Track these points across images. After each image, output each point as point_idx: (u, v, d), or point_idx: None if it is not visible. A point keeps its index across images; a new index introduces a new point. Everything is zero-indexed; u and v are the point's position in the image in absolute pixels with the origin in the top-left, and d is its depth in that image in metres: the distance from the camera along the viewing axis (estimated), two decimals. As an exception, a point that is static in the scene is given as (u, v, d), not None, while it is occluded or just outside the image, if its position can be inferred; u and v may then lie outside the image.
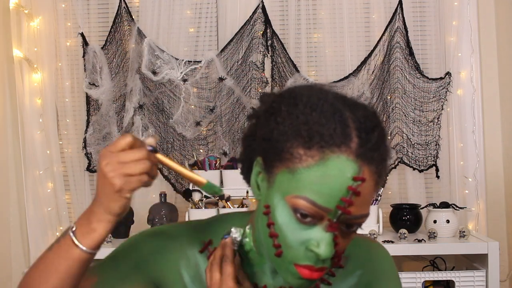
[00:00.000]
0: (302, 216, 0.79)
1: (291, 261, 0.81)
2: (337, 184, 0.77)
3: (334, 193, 0.77)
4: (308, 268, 0.80)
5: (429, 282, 2.47)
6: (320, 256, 0.79)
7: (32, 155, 2.84)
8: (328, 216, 0.78)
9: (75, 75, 2.88)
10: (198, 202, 2.50)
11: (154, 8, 2.82)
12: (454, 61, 2.77)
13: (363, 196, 0.78)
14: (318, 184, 0.77)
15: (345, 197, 0.77)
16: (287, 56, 2.76)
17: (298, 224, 0.79)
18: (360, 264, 0.98)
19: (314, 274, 0.81)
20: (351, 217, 0.79)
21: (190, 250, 0.95)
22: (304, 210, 0.78)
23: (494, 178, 2.81)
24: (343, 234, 0.81)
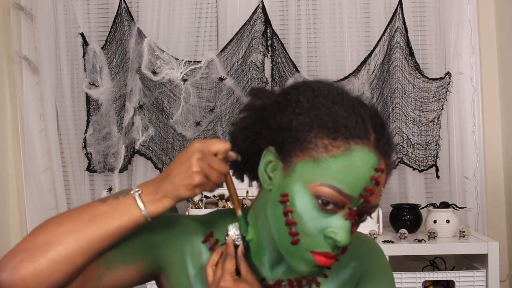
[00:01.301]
0: (324, 204, 0.82)
1: (308, 249, 0.84)
2: (361, 173, 0.81)
3: (359, 182, 0.81)
4: (324, 255, 0.83)
5: (429, 282, 2.47)
6: (339, 243, 0.82)
7: (32, 155, 2.84)
8: (350, 205, 0.83)
9: (75, 75, 2.88)
10: (198, 202, 2.50)
11: (154, 8, 2.82)
12: (454, 61, 2.77)
13: (380, 187, 0.84)
14: (344, 173, 0.81)
15: (369, 186, 0.82)
16: (287, 56, 2.76)
17: (319, 212, 0.82)
18: (354, 256, 0.99)
19: (329, 261, 0.84)
20: (368, 206, 0.84)
21: (195, 237, 0.96)
22: (328, 198, 0.81)
23: (494, 178, 2.81)
24: (355, 223, 0.86)
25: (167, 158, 2.80)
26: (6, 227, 2.88)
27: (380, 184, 0.83)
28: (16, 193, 2.91)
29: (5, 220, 2.88)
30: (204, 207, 2.49)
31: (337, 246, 0.83)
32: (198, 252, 0.95)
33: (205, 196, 2.51)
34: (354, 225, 0.85)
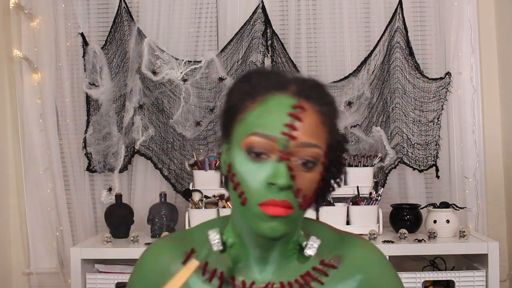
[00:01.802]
0: (257, 155, 0.86)
1: (256, 203, 0.85)
2: (278, 114, 0.86)
3: (277, 122, 0.86)
4: (271, 204, 0.84)
5: (429, 282, 2.47)
6: (278, 185, 0.83)
7: (32, 155, 2.84)
8: (278, 147, 0.85)
9: (75, 75, 2.88)
10: (198, 202, 2.50)
11: (154, 8, 2.82)
12: (454, 61, 2.77)
13: (307, 124, 0.86)
14: (261, 118, 0.87)
15: (287, 122, 0.85)
16: (287, 56, 2.76)
17: (254, 164, 0.86)
18: (360, 268, 0.96)
19: (279, 210, 0.85)
20: (300, 145, 0.85)
21: (173, 265, 0.97)
22: (255, 147, 0.86)
23: (494, 178, 2.81)
24: (301, 173, 0.87)
25: (167, 158, 2.80)
26: (6, 227, 2.88)
27: (304, 120, 0.86)
28: (16, 193, 2.91)
29: (5, 220, 2.88)
30: (204, 207, 2.49)
31: (281, 190, 0.84)
32: None
33: (205, 196, 2.51)
34: (294, 169, 0.85)
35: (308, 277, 0.94)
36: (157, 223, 2.55)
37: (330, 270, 0.95)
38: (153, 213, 2.57)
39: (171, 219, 2.58)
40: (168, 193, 2.70)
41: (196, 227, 1.03)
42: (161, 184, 2.83)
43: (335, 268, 0.95)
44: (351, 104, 2.74)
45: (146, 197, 2.82)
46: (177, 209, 2.65)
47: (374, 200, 2.52)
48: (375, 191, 2.53)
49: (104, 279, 2.37)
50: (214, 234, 0.95)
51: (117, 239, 2.56)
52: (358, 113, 2.74)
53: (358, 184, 2.55)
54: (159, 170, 2.80)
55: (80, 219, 2.85)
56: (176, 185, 2.80)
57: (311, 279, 0.94)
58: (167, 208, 2.60)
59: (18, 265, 2.90)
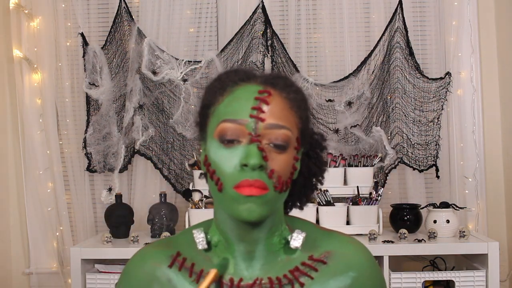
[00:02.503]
0: (228, 142, 0.89)
1: (231, 186, 0.88)
2: (245, 99, 0.90)
3: (244, 106, 0.89)
4: (245, 184, 0.86)
5: (429, 282, 2.47)
6: (250, 164, 0.86)
7: (32, 155, 2.84)
8: (248, 130, 0.88)
9: (75, 75, 2.88)
10: (198, 202, 2.50)
11: (154, 8, 2.82)
12: (454, 61, 2.77)
13: (274, 107, 0.90)
14: (229, 106, 0.90)
15: (255, 106, 0.89)
16: (287, 56, 2.76)
17: (226, 150, 0.89)
18: (353, 266, 0.97)
19: (253, 190, 0.86)
20: (268, 126, 0.88)
21: (158, 270, 0.98)
22: (226, 133, 0.89)
23: (494, 178, 2.81)
24: (273, 154, 0.89)
25: (167, 158, 2.80)
26: (6, 227, 2.88)
27: (271, 104, 0.89)
28: (16, 193, 2.91)
29: (5, 220, 2.88)
30: (204, 207, 2.49)
31: (254, 170, 0.86)
32: (167, 280, 0.96)
33: (205, 196, 2.51)
34: (265, 150, 0.88)
35: (297, 272, 0.94)
36: (157, 223, 2.55)
37: (319, 265, 0.95)
38: (153, 213, 2.57)
39: (171, 219, 2.57)
40: (168, 193, 2.70)
41: (180, 233, 1.05)
42: (161, 184, 2.83)
43: (325, 263, 0.95)
44: (351, 104, 2.74)
45: (146, 197, 2.82)
46: (177, 209, 2.65)
47: (374, 200, 2.52)
48: (375, 191, 2.53)
49: (104, 279, 2.37)
50: (198, 233, 0.97)
51: (117, 239, 2.56)
52: (358, 113, 2.74)
53: (358, 184, 2.55)
54: (159, 170, 2.80)
55: (80, 219, 2.85)
56: (176, 185, 2.80)
57: (300, 274, 0.94)
58: (167, 208, 2.60)
59: (18, 265, 2.90)
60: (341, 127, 2.74)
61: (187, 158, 2.76)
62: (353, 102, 2.74)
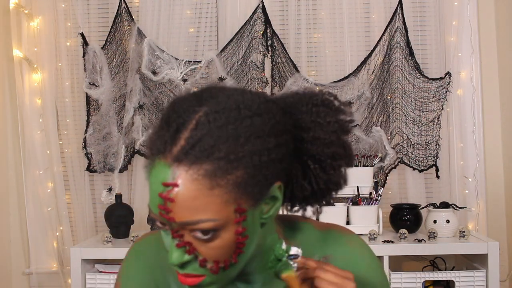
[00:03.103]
0: (161, 224, 0.80)
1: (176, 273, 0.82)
2: (153, 190, 0.77)
3: (154, 200, 0.77)
4: (181, 276, 0.81)
5: (429, 282, 2.47)
6: (172, 264, 0.79)
7: (32, 155, 2.84)
8: (165, 223, 0.78)
9: (75, 75, 2.88)
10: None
11: (154, 8, 2.82)
12: (454, 61, 2.77)
13: (183, 201, 0.75)
14: (150, 191, 0.78)
15: (161, 204, 0.76)
16: (287, 56, 2.76)
17: (164, 232, 0.81)
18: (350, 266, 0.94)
19: (188, 280, 0.80)
20: (181, 225, 0.76)
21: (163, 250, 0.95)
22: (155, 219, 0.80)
23: (494, 178, 2.80)
24: (202, 242, 0.78)
25: (167, 158, 2.80)
26: (6, 227, 2.88)
27: (181, 199, 0.74)
28: (16, 193, 2.91)
29: (5, 220, 2.88)
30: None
31: (181, 267, 0.80)
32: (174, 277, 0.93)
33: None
34: (191, 243, 0.78)
35: None
36: (157, 223, 2.54)
37: None
38: (153, 213, 2.57)
39: (171, 219, 2.57)
40: (168, 193, 2.70)
41: None
42: (161, 184, 2.82)
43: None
44: (351, 104, 2.74)
45: (146, 197, 2.78)
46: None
47: (374, 200, 2.52)
48: (375, 191, 2.53)
49: (104, 279, 2.37)
50: None
51: (117, 239, 2.55)
52: (358, 113, 2.74)
53: (358, 184, 2.55)
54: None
55: (80, 219, 2.85)
56: (176, 185, 2.80)
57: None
58: (167, 208, 2.59)
59: (18, 265, 2.90)
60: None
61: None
62: (353, 102, 2.74)
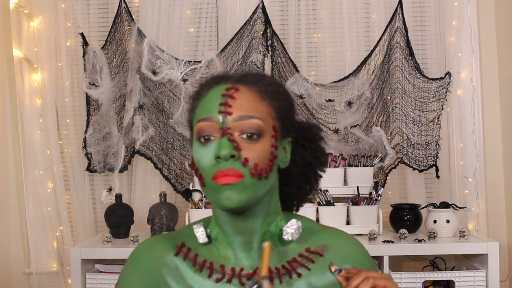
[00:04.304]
0: (205, 139, 0.94)
1: (209, 179, 0.93)
2: (214, 98, 0.95)
3: (213, 104, 0.95)
4: (220, 175, 0.91)
5: (429, 282, 2.47)
6: (221, 155, 0.90)
7: (32, 155, 2.84)
8: (218, 125, 0.93)
9: (75, 75, 2.88)
10: (198, 202, 2.50)
11: (154, 8, 2.82)
12: (454, 61, 2.77)
13: (242, 100, 0.94)
14: (202, 107, 0.97)
15: (221, 101, 0.94)
16: (287, 56, 2.76)
17: (203, 148, 0.94)
18: (348, 258, 1.01)
19: (227, 178, 0.91)
20: (236, 118, 0.93)
21: (167, 256, 1.01)
22: (202, 131, 0.95)
23: (494, 178, 2.80)
24: (247, 144, 0.93)
25: (167, 158, 2.80)
26: (6, 227, 2.88)
27: (238, 98, 0.94)
28: (16, 193, 2.91)
29: (5, 220, 2.88)
30: (204, 207, 2.49)
31: (226, 161, 0.91)
32: (174, 267, 1.00)
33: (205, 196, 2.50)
34: (237, 141, 0.92)
35: (295, 263, 0.98)
36: (157, 223, 2.55)
37: (316, 257, 0.99)
38: (153, 213, 2.57)
39: (171, 219, 2.57)
40: (168, 193, 2.70)
41: (182, 228, 1.09)
42: (161, 184, 2.82)
43: (321, 256, 0.99)
44: (351, 104, 2.74)
45: (146, 197, 2.82)
46: (177, 209, 2.65)
47: (374, 200, 2.52)
48: (375, 191, 2.53)
49: (104, 279, 2.37)
50: (198, 227, 1.01)
51: (117, 239, 2.55)
52: (358, 113, 2.74)
53: (358, 184, 2.55)
54: (159, 170, 2.80)
55: (80, 219, 2.85)
56: (176, 185, 2.80)
57: (297, 265, 0.98)
58: (167, 208, 2.59)
59: (18, 265, 2.90)
60: (341, 127, 2.74)
61: (187, 158, 2.76)
62: (353, 102, 2.74)
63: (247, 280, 0.96)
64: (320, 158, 1.07)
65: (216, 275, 0.96)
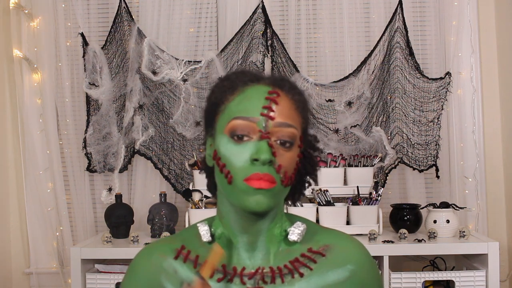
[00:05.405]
0: (239, 138, 0.94)
1: (241, 179, 0.92)
2: (256, 99, 0.95)
3: (256, 105, 0.94)
4: (255, 178, 0.91)
5: (429, 282, 2.47)
6: (261, 159, 0.91)
7: (32, 155, 2.84)
8: (258, 127, 0.93)
9: (75, 75, 2.88)
10: (198, 202, 2.50)
11: (154, 8, 2.82)
12: (454, 61, 2.77)
13: (282, 107, 0.95)
14: (241, 105, 0.95)
15: (265, 104, 0.94)
16: (287, 56, 2.76)
17: (237, 146, 0.94)
18: (351, 260, 1.01)
19: (263, 183, 0.92)
20: (277, 124, 0.94)
21: (164, 261, 1.01)
22: (237, 129, 0.94)
23: (494, 178, 2.81)
24: (280, 151, 0.94)
25: (167, 158, 2.80)
26: (6, 227, 2.88)
27: (280, 104, 0.95)
28: (16, 193, 2.91)
29: (5, 220, 2.88)
30: (204, 207, 2.49)
31: (264, 165, 0.92)
32: (173, 271, 1.00)
33: (205, 196, 2.51)
34: (274, 147, 0.93)
35: (297, 263, 0.99)
36: (157, 223, 2.55)
37: (318, 257, 1.00)
38: (153, 213, 2.57)
39: (171, 219, 2.57)
40: (168, 193, 2.70)
41: (184, 229, 1.10)
42: (161, 184, 2.83)
43: (323, 256, 1.00)
44: (351, 104, 2.74)
45: (146, 197, 2.82)
46: (177, 209, 2.65)
47: (374, 200, 2.52)
48: (375, 191, 2.53)
49: (104, 279, 2.37)
50: (203, 226, 1.02)
51: (117, 239, 2.56)
52: (358, 113, 2.74)
53: (358, 184, 2.55)
54: (159, 170, 2.80)
55: (80, 219, 2.85)
56: (176, 185, 2.80)
57: (300, 265, 0.99)
58: (167, 208, 2.59)
59: (18, 265, 2.90)
60: (341, 127, 2.74)
61: (187, 158, 2.76)
62: (353, 102, 2.74)
63: (248, 279, 0.97)
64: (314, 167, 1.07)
65: (218, 275, 0.97)
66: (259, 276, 0.97)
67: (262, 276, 0.97)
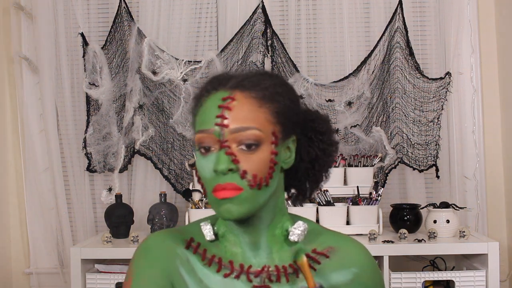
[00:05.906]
0: (206, 150, 0.94)
1: (210, 191, 0.94)
2: (211, 109, 0.94)
3: (211, 116, 0.94)
4: (219, 189, 0.92)
5: (429, 282, 2.47)
6: (218, 170, 0.91)
7: (32, 155, 2.84)
8: (216, 137, 0.93)
9: (75, 75, 2.88)
10: (198, 202, 2.50)
11: (154, 8, 2.82)
12: (454, 61, 2.77)
13: (238, 110, 0.93)
14: (201, 117, 0.96)
15: (218, 114, 0.93)
16: (287, 56, 2.76)
17: (204, 158, 0.95)
18: (356, 262, 1.01)
19: (226, 192, 0.92)
20: (232, 131, 0.92)
21: (178, 248, 1.01)
22: (201, 142, 0.94)
23: (494, 178, 2.81)
24: (246, 156, 0.93)
25: (167, 158, 2.80)
26: (6, 227, 2.88)
27: (234, 108, 0.93)
28: (16, 193, 2.91)
29: (5, 220, 2.88)
30: (204, 207, 2.49)
31: (224, 174, 0.91)
32: (186, 259, 1.00)
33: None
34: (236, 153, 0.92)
35: None
36: (157, 223, 2.55)
37: (322, 258, 1.00)
38: (153, 213, 2.57)
39: (171, 219, 2.57)
40: (168, 193, 2.70)
41: (188, 225, 1.10)
42: (161, 184, 2.83)
43: (327, 257, 1.00)
44: (351, 104, 2.74)
45: (146, 197, 2.82)
46: (177, 209, 2.65)
47: (374, 200, 2.52)
48: (375, 191, 2.53)
49: (104, 279, 2.37)
50: (205, 225, 1.02)
51: (117, 239, 2.56)
52: (358, 113, 2.74)
53: (358, 184, 2.55)
54: (159, 170, 2.80)
55: (80, 219, 2.85)
56: (176, 185, 2.80)
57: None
58: (167, 208, 2.60)
59: (18, 265, 2.90)
60: (341, 127, 2.74)
61: (187, 158, 2.76)
62: (353, 102, 2.74)
63: (254, 277, 0.97)
64: (326, 150, 1.04)
65: (225, 271, 0.98)
66: (265, 274, 0.97)
67: (268, 274, 0.97)
